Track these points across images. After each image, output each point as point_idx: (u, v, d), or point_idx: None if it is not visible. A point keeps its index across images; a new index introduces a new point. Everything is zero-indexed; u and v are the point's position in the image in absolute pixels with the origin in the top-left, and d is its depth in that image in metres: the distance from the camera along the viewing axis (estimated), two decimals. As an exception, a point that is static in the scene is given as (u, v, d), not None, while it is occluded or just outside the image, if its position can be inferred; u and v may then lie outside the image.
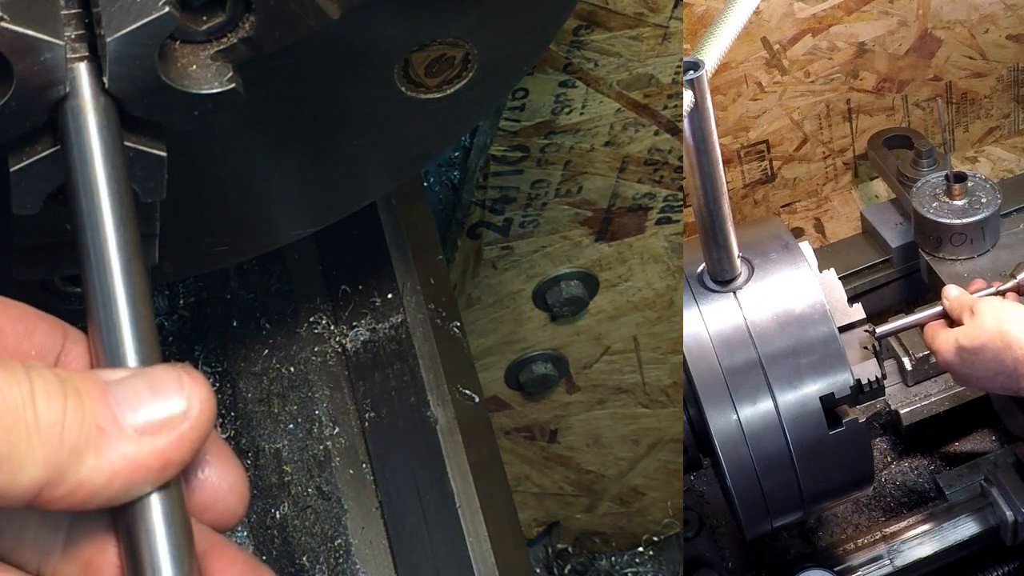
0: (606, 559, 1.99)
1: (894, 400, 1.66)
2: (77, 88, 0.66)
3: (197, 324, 1.15)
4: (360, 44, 0.81)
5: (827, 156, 1.99)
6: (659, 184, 1.45)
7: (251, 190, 0.92)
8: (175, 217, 0.79)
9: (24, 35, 0.64)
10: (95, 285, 0.61)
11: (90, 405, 0.55)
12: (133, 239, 0.62)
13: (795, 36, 1.82)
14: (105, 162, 0.64)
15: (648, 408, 1.76)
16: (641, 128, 1.38)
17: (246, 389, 1.10)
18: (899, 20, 1.86)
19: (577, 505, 1.92)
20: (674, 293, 1.59)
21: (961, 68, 1.95)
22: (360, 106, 0.87)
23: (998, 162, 2.05)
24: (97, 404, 0.55)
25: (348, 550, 1.02)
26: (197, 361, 1.13)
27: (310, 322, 1.12)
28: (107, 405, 0.56)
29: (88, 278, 0.61)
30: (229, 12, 0.72)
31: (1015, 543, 1.51)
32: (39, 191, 0.70)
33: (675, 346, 1.65)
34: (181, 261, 0.96)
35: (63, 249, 0.78)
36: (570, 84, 1.31)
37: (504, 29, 0.87)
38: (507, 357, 1.64)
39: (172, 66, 0.71)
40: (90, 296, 0.61)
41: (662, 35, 1.28)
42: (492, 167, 1.39)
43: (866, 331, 1.39)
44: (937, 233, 1.64)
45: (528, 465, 1.82)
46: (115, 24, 0.66)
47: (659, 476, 1.86)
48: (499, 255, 1.50)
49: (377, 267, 1.14)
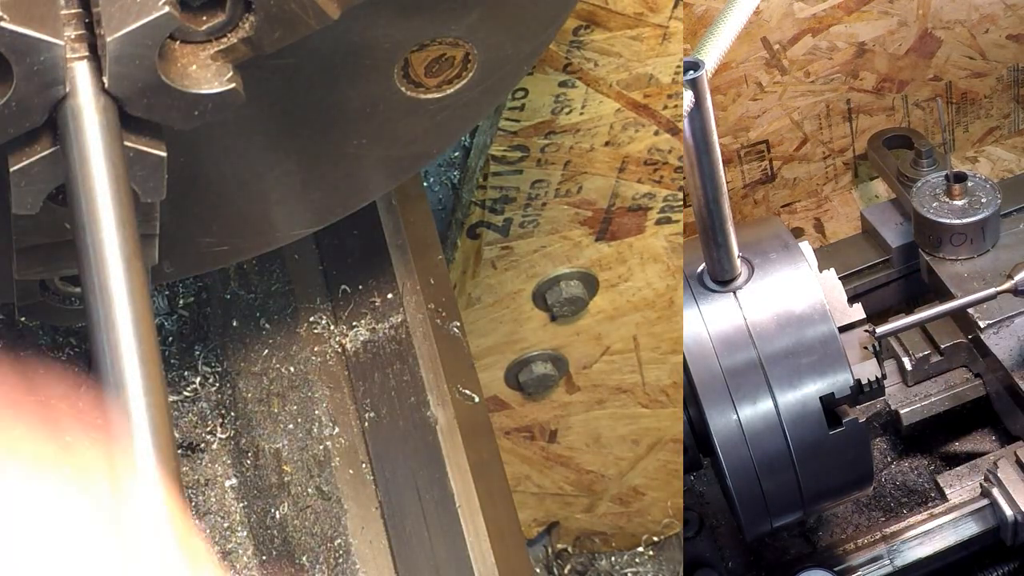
0: (606, 559, 1.99)
1: (894, 400, 1.65)
2: (77, 88, 0.66)
3: (197, 324, 1.15)
4: (360, 44, 0.81)
5: (827, 156, 1.99)
6: (659, 184, 1.45)
7: (251, 190, 0.92)
8: (175, 217, 0.79)
9: (24, 35, 0.64)
10: (95, 285, 0.61)
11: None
12: (133, 239, 0.62)
13: (795, 36, 1.82)
14: (105, 162, 0.64)
15: (648, 408, 1.76)
16: (641, 128, 1.38)
17: (246, 389, 1.10)
18: (899, 20, 1.86)
19: (577, 505, 1.92)
20: (674, 293, 1.59)
21: (961, 68, 1.95)
22: (360, 106, 0.87)
23: (998, 162, 2.05)
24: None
25: (348, 550, 1.02)
26: (197, 361, 1.13)
27: (310, 322, 1.12)
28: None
29: (88, 278, 0.61)
30: (229, 12, 0.73)
31: (1015, 543, 1.51)
32: (39, 191, 0.71)
33: (675, 346, 1.65)
34: (181, 261, 0.96)
35: (63, 249, 0.78)
36: (570, 84, 1.31)
37: (504, 29, 0.87)
38: (507, 357, 1.64)
39: (172, 66, 0.71)
40: (90, 296, 0.61)
41: (662, 35, 1.28)
42: (492, 167, 1.39)
43: (866, 331, 1.39)
44: (937, 233, 1.64)
45: (528, 465, 1.82)
46: (115, 24, 0.66)
47: (659, 476, 1.86)
48: (499, 255, 1.50)
49: (377, 267, 1.14)
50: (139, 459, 0.57)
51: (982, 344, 1.57)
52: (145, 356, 0.60)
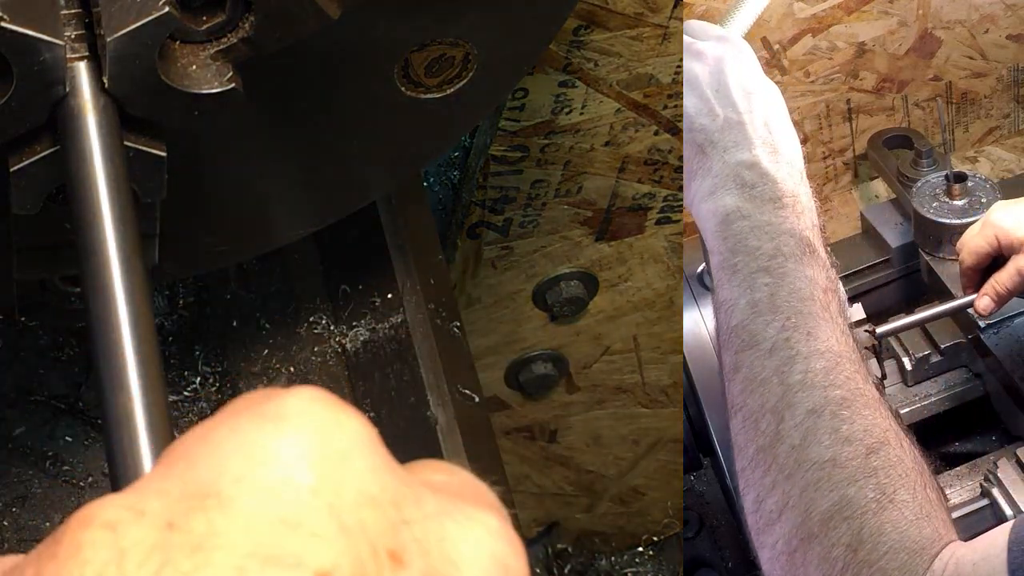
0: (606, 559, 1.99)
1: (894, 400, 1.65)
2: (77, 88, 0.66)
3: (197, 324, 1.15)
4: (360, 44, 0.81)
5: (827, 156, 1.99)
6: (659, 184, 1.45)
7: (251, 190, 0.92)
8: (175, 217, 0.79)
9: (24, 35, 0.64)
10: (95, 285, 0.61)
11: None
12: (133, 239, 0.62)
13: (795, 36, 1.82)
14: (105, 162, 0.64)
15: (648, 408, 1.76)
16: (641, 128, 1.38)
17: (246, 389, 1.10)
18: (899, 20, 1.86)
19: (577, 505, 1.92)
20: (674, 293, 1.59)
21: (961, 68, 1.95)
22: (360, 106, 0.87)
23: (998, 162, 2.05)
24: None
25: (348, 550, 1.01)
26: (197, 361, 1.13)
27: (310, 322, 1.12)
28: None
29: (88, 278, 0.61)
30: (229, 12, 0.72)
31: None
32: (39, 191, 0.71)
33: (675, 346, 1.65)
34: (181, 261, 0.96)
35: (63, 249, 0.78)
36: (570, 84, 1.31)
37: (504, 29, 0.87)
38: (507, 357, 1.64)
39: (172, 66, 0.71)
40: (90, 296, 0.61)
41: (662, 35, 1.28)
42: (492, 167, 1.39)
43: (866, 331, 1.39)
44: (937, 233, 1.64)
45: (528, 465, 1.82)
46: (115, 24, 0.66)
47: (659, 476, 1.86)
48: (499, 255, 1.50)
49: (377, 267, 1.14)
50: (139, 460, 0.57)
51: (982, 344, 1.57)
52: (145, 356, 0.60)
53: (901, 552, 0.93)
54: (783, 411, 1.00)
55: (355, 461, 0.42)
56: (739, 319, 1.04)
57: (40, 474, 1.07)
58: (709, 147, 1.10)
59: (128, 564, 0.38)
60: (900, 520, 0.94)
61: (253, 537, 0.39)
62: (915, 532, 0.94)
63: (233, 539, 0.39)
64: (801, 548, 0.96)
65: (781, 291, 1.03)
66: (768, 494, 0.99)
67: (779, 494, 0.98)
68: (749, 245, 1.05)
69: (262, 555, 0.38)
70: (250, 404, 0.43)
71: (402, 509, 0.42)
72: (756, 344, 1.02)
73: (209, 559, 0.38)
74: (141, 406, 0.57)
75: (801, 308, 1.02)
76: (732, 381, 1.04)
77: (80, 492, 1.06)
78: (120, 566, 0.38)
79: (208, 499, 0.40)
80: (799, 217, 1.07)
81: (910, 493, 0.96)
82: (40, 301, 0.91)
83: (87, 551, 0.38)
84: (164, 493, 0.41)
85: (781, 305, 1.03)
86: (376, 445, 0.44)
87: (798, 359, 1.00)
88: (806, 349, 1.01)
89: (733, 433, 1.04)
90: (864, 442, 0.97)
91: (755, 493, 1.01)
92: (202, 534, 0.39)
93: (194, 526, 0.39)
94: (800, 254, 1.05)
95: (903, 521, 0.94)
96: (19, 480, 1.07)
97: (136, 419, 0.56)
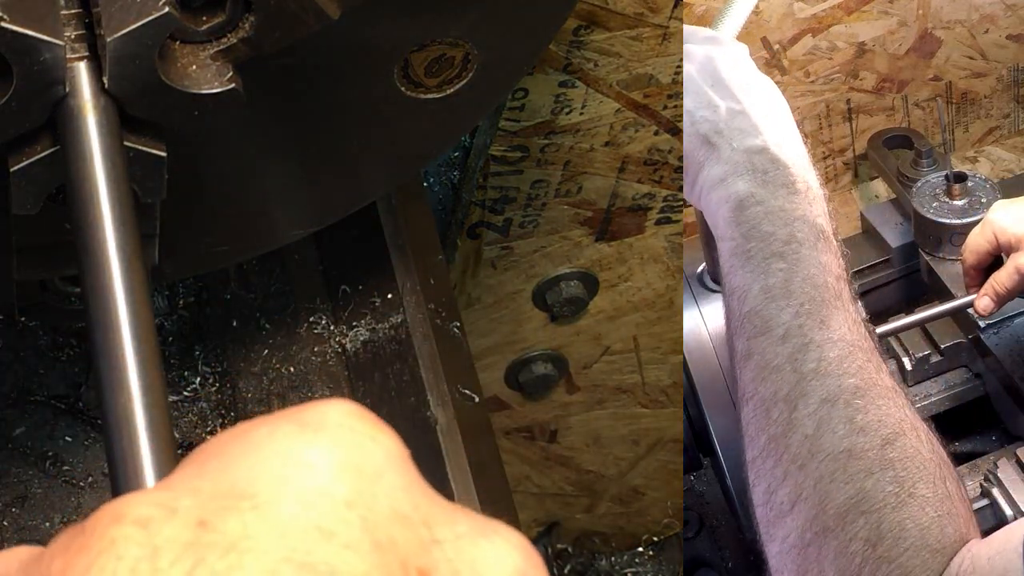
0: (606, 559, 1.99)
1: (894, 400, 1.66)
2: (77, 88, 0.66)
3: (197, 324, 1.15)
4: (360, 44, 0.81)
5: (827, 156, 1.99)
6: (659, 184, 1.45)
7: (251, 190, 0.92)
8: (175, 217, 0.79)
9: (24, 35, 0.64)
10: (95, 285, 0.61)
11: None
12: (133, 239, 0.62)
13: (795, 36, 1.82)
14: (105, 162, 0.64)
15: (648, 408, 1.76)
16: (641, 128, 1.38)
17: (246, 389, 1.10)
18: (899, 20, 1.86)
19: (577, 505, 1.92)
20: (674, 293, 1.59)
21: (961, 68, 1.95)
22: (360, 106, 0.87)
23: (998, 162, 2.05)
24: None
25: (348, 550, 1.01)
26: (197, 361, 1.13)
27: (310, 322, 1.12)
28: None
29: (88, 278, 0.61)
30: (229, 12, 0.72)
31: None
32: (39, 191, 0.71)
33: (675, 346, 1.65)
34: (181, 261, 0.96)
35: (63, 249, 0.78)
36: (570, 84, 1.31)
37: (504, 29, 0.87)
38: (507, 357, 1.63)
39: (172, 66, 0.71)
40: (90, 296, 0.61)
41: (662, 35, 1.28)
42: (492, 167, 1.39)
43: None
44: (937, 233, 1.64)
45: (528, 465, 1.82)
46: (115, 24, 0.66)
47: (659, 476, 1.86)
48: (499, 255, 1.50)
49: (377, 267, 1.13)
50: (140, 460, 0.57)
51: (982, 344, 1.57)
52: (145, 356, 0.60)
53: (923, 551, 0.91)
54: (796, 399, 0.98)
55: (389, 478, 0.42)
56: (752, 305, 1.03)
57: (40, 474, 1.07)
58: (715, 136, 1.10)
59: (161, 561, 0.38)
60: (921, 517, 0.93)
61: (287, 542, 0.39)
62: (937, 530, 0.92)
63: (267, 542, 0.39)
64: (815, 542, 0.95)
65: (795, 277, 1.02)
66: (780, 485, 0.98)
67: (791, 485, 0.97)
68: (763, 231, 1.05)
69: (296, 561, 0.38)
70: (288, 412, 0.43)
71: (433, 529, 0.42)
72: (769, 330, 1.01)
73: (242, 561, 0.38)
74: (141, 406, 0.57)
75: (815, 295, 1.01)
76: (744, 368, 1.03)
77: (80, 492, 1.06)
78: (153, 563, 0.38)
79: (243, 500, 0.40)
80: (811, 204, 1.07)
81: (930, 487, 0.95)
82: (40, 301, 0.91)
83: (120, 546, 0.38)
84: (196, 491, 0.40)
85: (795, 291, 1.02)
86: (408, 464, 0.44)
87: (812, 346, 0.99)
88: (820, 337, 1.00)
89: (744, 422, 1.03)
90: (879, 432, 0.96)
91: (766, 484, 1.00)
92: (236, 535, 0.39)
93: (227, 526, 0.39)
94: (814, 240, 1.04)
95: (924, 518, 0.93)
96: (19, 480, 1.06)
97: (136, 419, 0.56)
